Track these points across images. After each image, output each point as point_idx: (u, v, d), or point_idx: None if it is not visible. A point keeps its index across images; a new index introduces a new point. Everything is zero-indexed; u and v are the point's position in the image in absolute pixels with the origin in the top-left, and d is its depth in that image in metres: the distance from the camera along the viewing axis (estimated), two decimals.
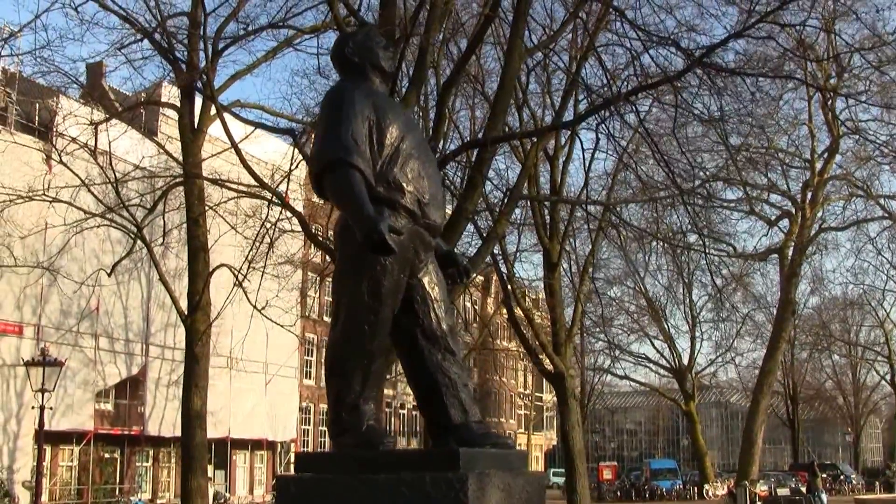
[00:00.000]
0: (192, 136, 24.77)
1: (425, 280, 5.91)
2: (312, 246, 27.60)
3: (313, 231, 21.25)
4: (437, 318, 5.90)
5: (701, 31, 17.94)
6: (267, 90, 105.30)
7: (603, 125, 21.54)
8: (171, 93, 29.12)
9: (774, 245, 47.10)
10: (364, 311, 5.70)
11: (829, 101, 41.38)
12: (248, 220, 25.54)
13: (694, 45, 17.59)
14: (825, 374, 71.02)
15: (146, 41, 23.21)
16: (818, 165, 43.94)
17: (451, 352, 5.86)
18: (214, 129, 25.76)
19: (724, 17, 27.96)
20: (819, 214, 45.92)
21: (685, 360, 55.39)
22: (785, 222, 46.50)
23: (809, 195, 44.38)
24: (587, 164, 30.23)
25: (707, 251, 28.87)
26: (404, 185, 5.71)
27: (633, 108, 18.70)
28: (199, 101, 25.40)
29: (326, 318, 52.47)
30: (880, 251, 50.40)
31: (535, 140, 22.43)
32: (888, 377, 61.75)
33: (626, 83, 19.37)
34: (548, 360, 28.62)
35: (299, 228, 20.40)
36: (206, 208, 25.03)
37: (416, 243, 5.81)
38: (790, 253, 45.46)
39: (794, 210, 45.40)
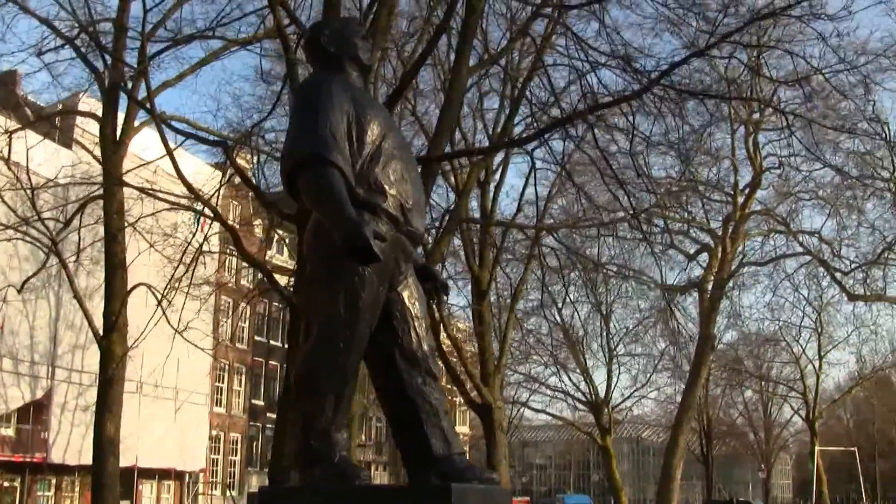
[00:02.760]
0: (113, 147, 23.66)
1: (405, 294, 5.40)
2: (227, 268, 26.72)
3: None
4: (417, 337, 5.37)
5: (646, 54, 17.47)
6: (192, 104, 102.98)
7: (540, 149, 21.19)
8: (91, 104, 28.09)
9: (695, 279, 47.19)
10: (339, 327, 5.10)
11: (752, 136, 41.79)
12: (167, 238, 24.54)
13: (637, 67, 17.14)
14: (737, 410, 71.70)
15: (68, 48, 22.22)
16: (740, 200, 44.14)
17: (433, 375, 5.33)
18: (134, 146, 24.91)
19: (657, 49, 27.37)
20: (740, 249, 46.15)
21: (602, 394, 55.18)
22: (705, 256, 46.65)
23: (731, 229, 44.54)
24: (521, 189, 29.89)
25: (627, 283, 28.80)
26: (386, 187, 5.22)
27: (567, 133, 18.28)
28: (120, 115, 24.38)
29: (239, 345, 51.36)
30: (797, 288, 50.86)
31: (475, 159, 21.87)
32: (802, 412, 62.40)
33: (568, 104, 18.89)
34: (475, 391, 28.00)
35: (218, 249, 19.66)
36: (126, 224, 23.95)
37: (397, 252, 5.27)
38: (710, 287, 45.54)
39: (714, 244, 45.55)
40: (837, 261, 43.92)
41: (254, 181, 18.64)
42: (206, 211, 17.20)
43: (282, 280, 28.75)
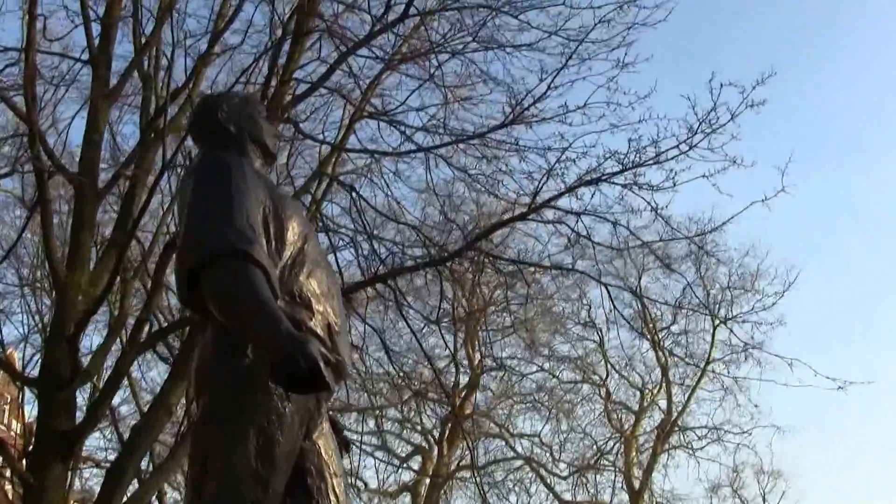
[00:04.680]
0: None
1: (321, 444, 4.05)
2: None
3: None
4: (336, 499, 4.04)
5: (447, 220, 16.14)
6: None
7: None
8: None
9: (407, 483, 45.74)
10: (247, 481, 3.66)
11: (473, 334, 41.71)
12: None
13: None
14: None
15: None
16: (458, 400, 43.56)
17: None
18: None
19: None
20: (458, 452, 45.31)
21: None
22: (419, 458, 45.45)
23: (447, 431, 43.70)
24: None
25: None
26: (313, 301, 3.99)
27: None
28: None
29: None
30: (507, 494, 50.26)
31: None
32: None
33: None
34: None
35: None
36: None
37: None
38: (423, 491, 44.18)
39: (428, 446, 44.52)
40: (554, 465, 43.97)
41: None
42: None
43: None
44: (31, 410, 20.80)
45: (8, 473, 14.90)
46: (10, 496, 17.49)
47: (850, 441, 46.33)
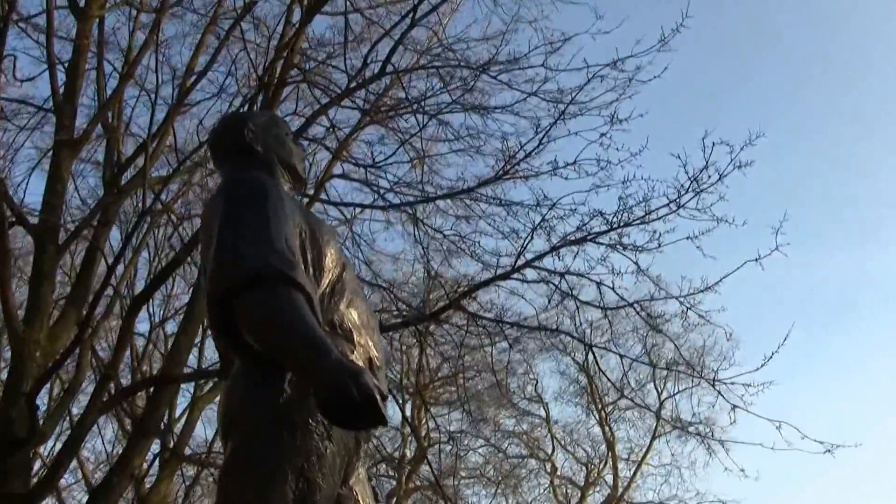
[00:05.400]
0: None
1: (357, 490, 3.59)
2: None
3: None
4: None
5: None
6: None
7: None
8: None
9: None
10: None
11: (420, 407, 41.12)
12: None
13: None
14: None
15: None
16: (404, 472, 42.92)
17: None
18: None
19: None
20: None
21: None
22: None
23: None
24: None
25: None
26: (354, 333, 3.61)
27: None
28: None
29: None
30: None
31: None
32: None
33: None
34: None
35: None
36: None
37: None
38: None
39: None
40: None
41: None
42: None
43: None
44: None
45: None
46: None
47: None
